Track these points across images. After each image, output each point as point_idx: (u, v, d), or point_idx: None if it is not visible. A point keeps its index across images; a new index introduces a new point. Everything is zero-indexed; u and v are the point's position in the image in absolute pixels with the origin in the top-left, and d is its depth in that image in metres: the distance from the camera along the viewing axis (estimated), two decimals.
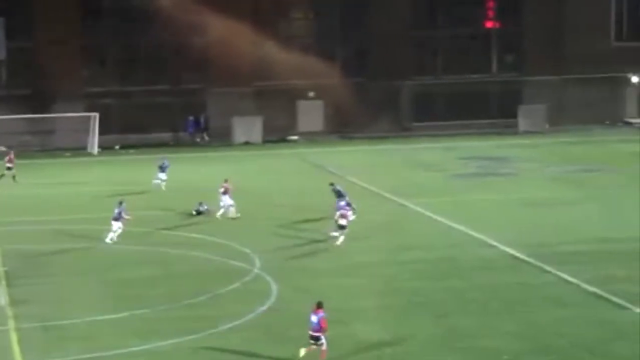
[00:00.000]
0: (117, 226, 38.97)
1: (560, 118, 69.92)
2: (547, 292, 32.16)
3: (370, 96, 68.79)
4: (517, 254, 36.77)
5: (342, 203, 39.80)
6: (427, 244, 38.83)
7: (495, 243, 38.45)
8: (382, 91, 69.60)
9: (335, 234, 38.64)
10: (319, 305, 26.71)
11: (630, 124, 71.61)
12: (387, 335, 28.55)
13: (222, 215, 42.92)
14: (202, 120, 67.46)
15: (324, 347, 26.47)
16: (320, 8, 70.87)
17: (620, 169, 54.54)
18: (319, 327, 26.40)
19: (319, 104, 69.45)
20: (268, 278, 34.13)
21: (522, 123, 69.54)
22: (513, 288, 32.79)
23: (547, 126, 69.23)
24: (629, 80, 72.84)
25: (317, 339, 26.45)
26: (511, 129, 68.79)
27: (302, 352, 26.52)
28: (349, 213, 39.20)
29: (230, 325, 29.39)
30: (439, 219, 42.75)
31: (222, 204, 43.03)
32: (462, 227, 40.98)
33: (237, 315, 30.08)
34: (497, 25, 72.75)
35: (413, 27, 70.62)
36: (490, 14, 73.03)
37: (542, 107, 69.79)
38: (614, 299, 31.20)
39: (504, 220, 42.29)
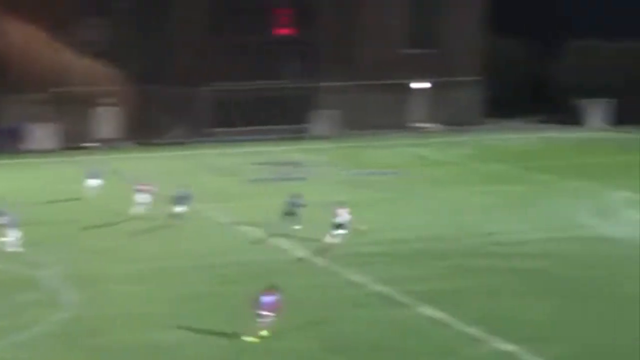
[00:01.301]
0: None
1: (352, 123, 71.35)
2: (338, 293, 32.91)
3: (168, 102, 68.49)
4: (310, 257, 37.46)
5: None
6: (221, 248, 39.08)
7: (288, 246, 39.06)
8: (180, 97, 69.36)
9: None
10: (271, 288, 28.33)
11: (417, 128, 73.87)
12: (186, 342, 28.65)
13: None
14: None
15: (267, 324, 27.97)
16: (116, 13, 70.06)
17: (408, 172, 56.27)
18: (269, 307, 27.94)
19: (116, 110, 68.71)
20: (63, 286, 33.67)
21: (315, 128, 70.67)
22: (307, 290, 33.39)
23: (339, 131, 70.57)
24: (414, 86, 75.15)
25: (264, 316, 27.95)
26: (304, 134, 69.85)
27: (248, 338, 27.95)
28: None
29: (24, 336, 28.91)
30: (234, 223, 43.07)
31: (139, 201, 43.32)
32: (256, 232, 41.43)
33: (31, 325, 29.60)
34: (291, 31, 73.66)
35: (210, 33, 70.70)
36: (284, 20, 73.88)
37: (334, 113, 71.07)
38: (401, 298, 32.21)
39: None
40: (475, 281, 34.29)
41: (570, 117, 76.18)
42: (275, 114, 70.76)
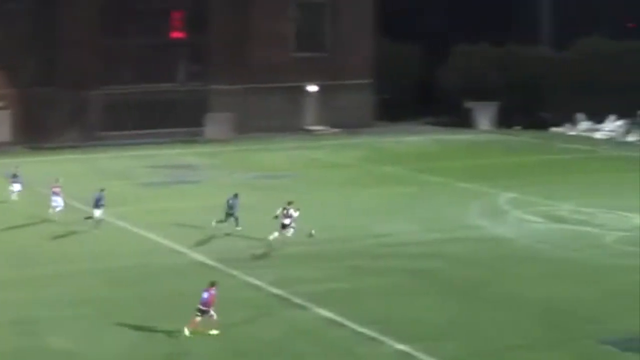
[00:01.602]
0: None
1: (245, 126, 71.55)
2: (234, 296, 32.93)
3: (59, 105, 67.70)
4: (206, 260, 37.49)
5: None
6: (116, 252, 38.84)
7: (183, 249, 39.05)
8: (71, 100, 68.64)
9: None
10: (212, 284, 29.15)
11: (310, 131, 74.38)
12: (79, 345, 28.46)
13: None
14: None
15: (213, 318, 28.88)
16: (6, 14, 68.92)
17: (301, 175, 56.67)
18: (207, 302, 28.79)
19: (6, 113, 67.55)
20: None
21: (209, 131, 70.61)
22: (201, 294, 33.40)
23: (232, 134, 70.63)
24: (306, 89, 75.67)
25: (203, 312, 28.80)
26: (198, 137, 69.73)
27: (186, 331, 28.78)
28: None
29: None
30: (129, 227, 42.84)
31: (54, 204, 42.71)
32: (151, 235, 41.30)
33: None
34: (184, 35, 73.45)
35: (102, 35, 70.07)
36: (177, 24, 73.63)
37: (227, 116, 71.14)
38: (298, 300, 32.47)
39: (191, 227, 42.90)
40: (370, 282, 34.75)
41: (458, 120, 77.57)
42: (169, 117, 70.50)
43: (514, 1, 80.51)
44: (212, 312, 29.01)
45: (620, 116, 73.95)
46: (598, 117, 74.73)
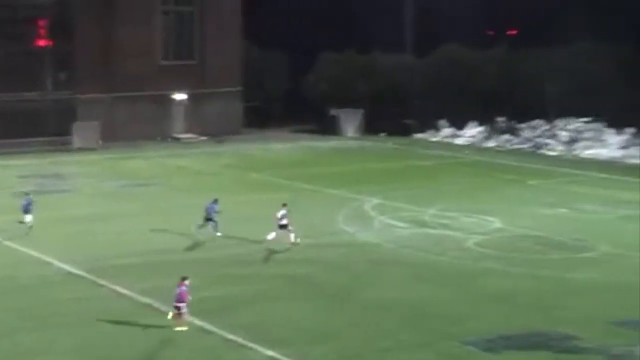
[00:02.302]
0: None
1: (114, 135, 70.86)
2: (102, 306, 32.70)
3: None
4: (73, 270, 37.05)
5: None
6: None
7: (52, 260, 38.52)
8: None
9: None
10: (183, 279, 30.42)
11: (178, 139, 74.10)
12: None
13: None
14: None
15: (183, 317, 30.09)
16: None
17: (169, 183, 56.47)
18: (181, 297, 30.02)
19: None
20: None
21: (77, 140, 69.63)
22: (70, 304, 33.09)
23: (100, 143, 69.84)
24: (174, 97, 75.35)
25: (178, 308, 30.05)
26: (66, 146, 68.73)
27: (170, 315, 30.40)
28: None
29: None
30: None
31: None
32: (20, 246, 40.63)
33: None
34: (50, 43, 72.24)
35: None
36: (42, 32, 72.40)
37: (95, 124, 70.29)
38: (166, 308, 32.34)
39: (60, 237, 42.37)
40: (239, 288, 34.90)
41: (325, 127, 78.32)
42: (37, 126, 69.22)
43: (378, 10, 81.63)
44: (183, 309, 30.09)
45: (481, 122, 75.77)
46: (459, 124, 76.43)
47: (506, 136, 73.73)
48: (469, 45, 79.12)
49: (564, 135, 71.11)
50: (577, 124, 72.24)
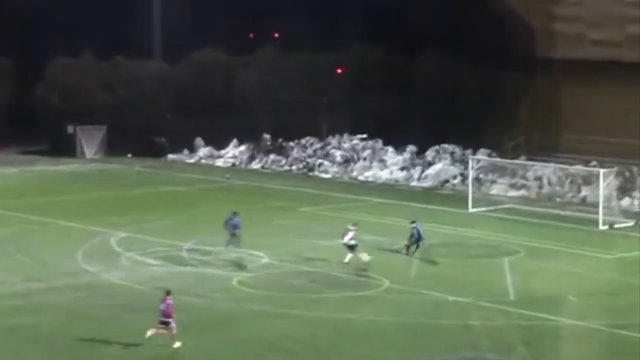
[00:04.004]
0: None
1: None
2: None
3: None
4: None
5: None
6: None
7: None
8: None
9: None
10: (168, 293, 33.37)
11: None
12: None
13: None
14: None
15: (174, 332, 32.91)
16: None
17: None
18: (167, 313, 32.90)
19: None
20: None
21: None
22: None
23: None
24: None
25: (166, 323, 32.87)
26: None
27: (149, 332, 32.96)
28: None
29: None
30: None
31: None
32: None
33: None
34: None
35: None
36: None
37: None
38: None
39: None
40: None
41: (60, 147, 77.30)
42: None
43: (122, 8, 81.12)
44: (172, 324, 32.85)
45: (243, 140, 76.70)
46: (219, 142, 77.14)
47: (273, 156, 74.99)
48: (226, 49, 79.98)
49: (338, 155, 73.00)
50: (353, 141, 74.37)
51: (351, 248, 44.20)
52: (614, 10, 67.92)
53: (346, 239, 44.30)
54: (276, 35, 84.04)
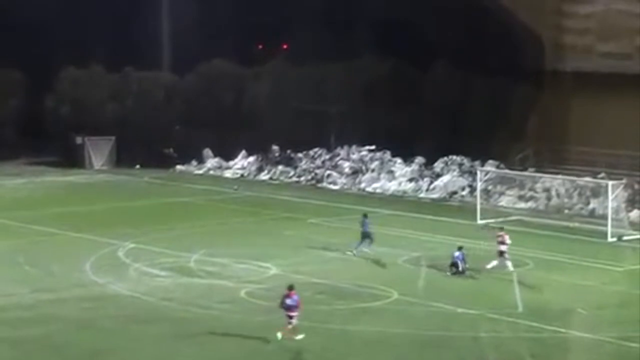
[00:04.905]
0: None
1: None
2: None
3: None
4: None
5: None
6: None
7: None
8: None
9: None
10: (291, 288, 34.74)
11: None
12: None
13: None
14: None
15: (295, 324, 34.51)
16: None
17: None
18: (291, 307, 34.46)
19: None
20: None
21: None
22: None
23: None
24: None
25: (291, 317, 34.42)
26: None
27: (279, 334, 34.07)
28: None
29: None
30: None
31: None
32: None
33: None
34: None
35: None
36: None
37: None
38: None
39: None
40: None
41: (69, 158, 77.34)
42: None
43: (130, 20, 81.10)
44: (294, 320, 34.36)
45: (251, 151, 76.64)
46: (227, 153, 77.08)
47: (281, 167, 74.90)
48: (235, 60, 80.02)
49: (347, 166, 72.88)
50: (361, 152, 74.24)
51: (501, 254, 45.54)
52: (623, 22, 67.80)
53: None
54: (285, 46, 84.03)
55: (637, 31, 67.22)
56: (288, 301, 34.73)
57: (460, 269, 45.15)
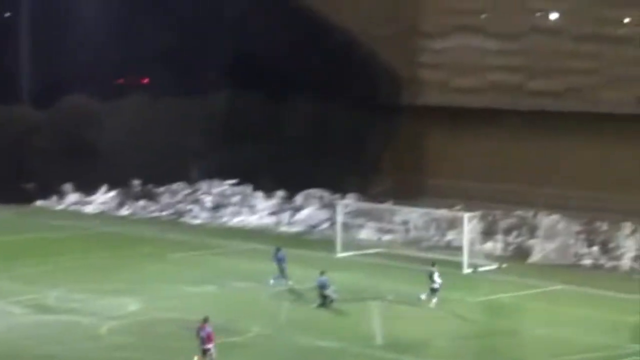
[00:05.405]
0: None
1: None
2: None
3: None
4: None
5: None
6: None
7: None
8: None
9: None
10: (205, 320, 35.10)
11: None
12: None
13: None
14: None
15: (213, 356, 34.79)
16: None
17: None
18: (206, 339, 34.70)
19: None
20: None
21: None
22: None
23: None
24: None
25: (206, 350, 34.70)
26: None
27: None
28: None
29: None
30: None
31: None
32: None
33: None
34: None
35: None
36: None
37: None
38: None
39: None
40: None
41: None
42: None
43: None
44: (212, 350, 34.69)
45: (112, 186, 76.13)
46: (88, 188, 76.43)
47: (142, 202, 74.59)
48: (95, 94, 79.58)
49: (208, 200, 72.95)
50: (223, 187, 74.41)
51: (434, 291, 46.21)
52: (476, 58, 69.37)
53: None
54: (145, 80, 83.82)
55: (489, 67, 68.85)
56: (201, 333, 35.30)
57: (328, 292, 45.62)
